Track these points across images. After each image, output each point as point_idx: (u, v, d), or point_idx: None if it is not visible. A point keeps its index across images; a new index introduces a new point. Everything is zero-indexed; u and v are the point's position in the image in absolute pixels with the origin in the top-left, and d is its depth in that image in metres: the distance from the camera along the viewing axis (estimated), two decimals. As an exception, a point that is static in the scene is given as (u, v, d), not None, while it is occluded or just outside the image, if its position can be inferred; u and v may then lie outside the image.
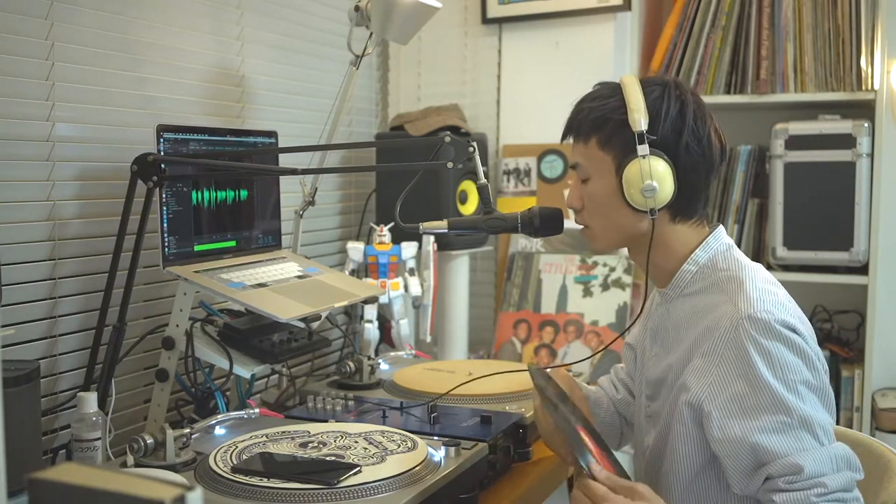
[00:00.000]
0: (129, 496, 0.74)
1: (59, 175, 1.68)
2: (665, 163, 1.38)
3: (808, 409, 1.27)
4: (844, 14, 2.45)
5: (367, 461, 1.36)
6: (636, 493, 1.26)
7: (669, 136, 1.38)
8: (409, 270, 2.28)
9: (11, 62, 1.59)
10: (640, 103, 1.38)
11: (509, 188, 2.71)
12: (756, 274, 1.39)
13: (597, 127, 1.43)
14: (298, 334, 1.85)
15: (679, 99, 1.40)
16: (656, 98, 1.39)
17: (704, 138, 1.40)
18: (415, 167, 1.63)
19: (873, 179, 2.39)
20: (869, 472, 1.50)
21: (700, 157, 1.40)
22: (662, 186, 1.38)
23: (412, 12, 1.97)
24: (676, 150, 1.39)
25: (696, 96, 1.43)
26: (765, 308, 1.31)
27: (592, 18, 2.60)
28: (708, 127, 1.41)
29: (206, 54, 2.04)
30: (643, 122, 1.37)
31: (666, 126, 1.38)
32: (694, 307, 1.41)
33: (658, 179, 1.37)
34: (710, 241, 1.44)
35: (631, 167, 1.38)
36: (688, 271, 1.44)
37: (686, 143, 1.38)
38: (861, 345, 2.48)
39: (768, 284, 1.38)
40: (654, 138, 1.38)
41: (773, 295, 1.35)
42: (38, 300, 1.64)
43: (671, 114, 1.38)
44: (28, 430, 1.45)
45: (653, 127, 1.38)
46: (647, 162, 1.37)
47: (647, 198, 1.38)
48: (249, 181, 1.91)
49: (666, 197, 1.39)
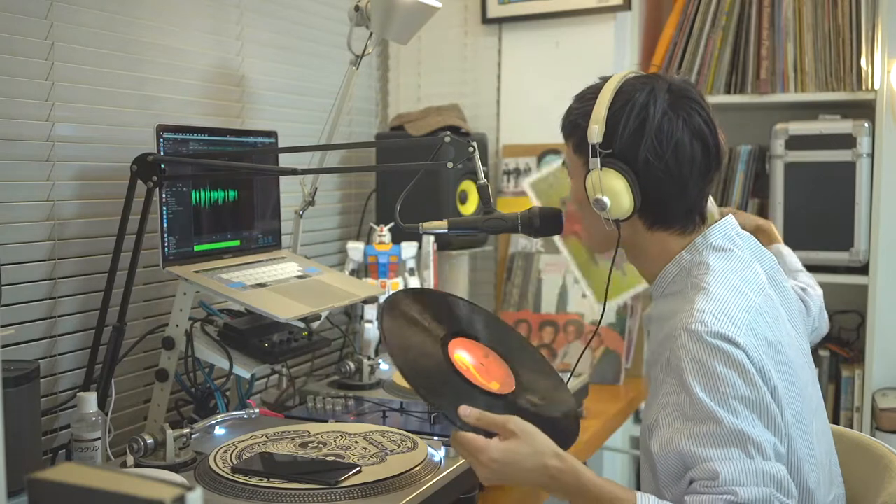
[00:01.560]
0: (129, 496, 0.74)
1: (59, 175, 1.68)
2: (620, 176, 1.34)
3: (740, 423, 1.21)
4: (844, 14, 2.45)
5: (367, 461, 1.36)
6: (507, 431, 1.24)
7: (627, 149, 1.34)
8: (409, 270, 2.28)
9: (11, 62, 1.59)
10: (601, 113, 1.35)
11: (509, 188, 2.71)
12: (723, 280, 1.33)
13: (572, 131, 1.42)
14: (298, 334, 1.85)
15: (645, 106, 1.34)
16: (616, 111, 1.35)
17: (668, 152, 1.33)
18: (415, 167, 1.63)
19: (873, 179, 2.39)
20: (869, 473, 1.51)
21: (663, 171, 1.34)
22: (618, 200, 1.34)
23: (412, 12, 1.97)
24: (635, 163, 1.34)
25: (680, 101, 1.36)
26: (702, 319, 1.26)
27: (592, 18, 2.60)
28: (677, 138, 1.34)
29: (206, 54, 2.04)
30: (597, 134, 1.34)
31: (623, 138, 1.34)
32: (669, 309, 1.37)
33: (611, 193, 1.34)
34: (699, 241, 1.39)
35: (589, 178, 1.36)
36: (670, 272, 1.40)
37: (645, 158, 1.33)
38: (861, 345, 2.48)
39: (730, 292, 1.31)
40: (608, 151, 1.34)
41: (725, 304, 1.29)
42: (38, 300, 1.64)
43: (629, 123, 1.34)
44: (28, 430, 1.45)
45: (608, 137, 1.34)
46: (597, 175, 1.34)
47: (600, 211, 1.36)
48: (249, 181, 1.91)
49: (625, 209, 1.35)
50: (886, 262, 2.41)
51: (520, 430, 1.25)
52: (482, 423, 1.25)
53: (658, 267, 1.42)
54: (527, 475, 1.24)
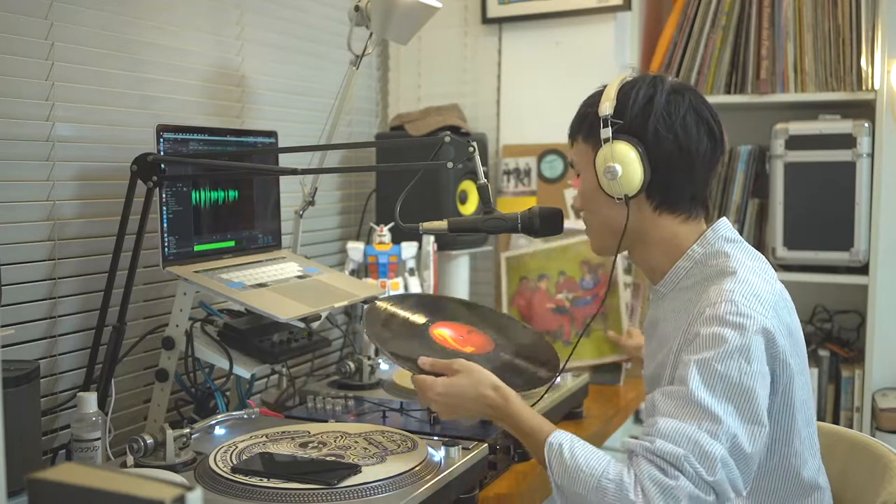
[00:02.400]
0: (129, 496, 0.74)
1: (59, 175, 1.68)
2: (631, 147, 1.38)
3: (714, 405, 1.23)
4: (844, 14, 2.45)
5: (367, 461, 1.36)
6: (452, 370, 1.44)
7: (637, 120, 1.39)
8: (409, 270, 2.28)
9: (11, 62, 1.59)
10: (611, 92, 1.41)
11: (509, 188, 2.71)
12: (746, 266, 1.37)
13: (580, 124, 1.49)
14: (298, 334, 1.85)
15: (652, 86, 1.41)
16: (627, 90, 1.42)
17: (676, 124, 1.39)
18: (415, 167, 1.63)
19: (873, 179, 2.39)
20: (869, 472, 1.51)
21: (673, 143, 1.39)
22: (629, 170, 1.38)
23: (412, 12, 1.97)
24: (644, 135, 1.39)
25: (682, 90, 1.42)
26: (732, 299, 1.29)
27: (592, 18, 2.60)
28: (683, 114, 1.39)
29: (206, 54, 2.04)
30: (609, 107, 1.39)
31: (633, 111, 1.39)
32: (686, 299, 1.41)
33: (623, 162, 1.38)
34: (709, 234, 1.44)
35: (600, 153, 1.41)
36: (682, 267, 1.44)
37: (655, 129, 1.38)
38: (861, 345, 2.49)
39: (755, 276, 1.35)
40: (619, 122, 1.39)
41: (752, 286, 1.32)
42: (38, 300, 1.64)
43: (639, 99, 1.40)
44: (28, 430, 1.45)
45: (619, 112, 1.40)
46: (610, 146, 1.38)
47: (610, 181, 1.39)
48: (249, 181, 1.91)
49: (635, 182, 1.39)
50: (886, 262, 2.41)
51: (462, 367, 1.44)
52: (436, 367, 1.47)
53: (666, 261, 1.46)
54: (470, 405, 1.42)
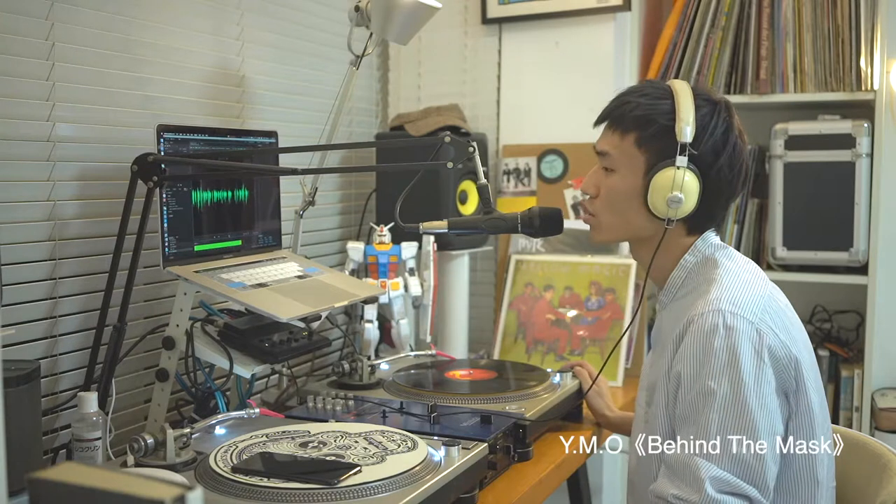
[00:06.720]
0: (129, 496, 0.74)
1: (59, 175, 1.68)
2: (696, 179, 1.40)
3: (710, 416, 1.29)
4: (844, 14, 2.45)
5: (367, 461, 1.36)
6: None
7: (709, 154, 1.40)
8: (409, 270, 2.28)
9: (11, 62, 1.59)
10: (691, 115, 1.39)
11: (509, 188, 2.71)
12: (734, 274, 1.40)
13: (640, 125, 1.43)
14: (298, 334, 1.85)
15: (726, 122, 1.42)
16: (706, 114, 1.41)
17: (737, 165, 1.42)
18: (415, 167, 1.63)
19: (873, 179, 2.39)
20: (868, 472, 1.51)
21: (728, 182, 1.42)
22: (687, 200, 1.40)
23: (412, 12, 1.97)
24: (710, 170, 1.41)
25: (742, 128, 1.46)
26: (719, 308, 1.32)
27: (592, 18, 2.60)
28: (744, 156, 1.43)
29: (206, 54, 2.04)
30: (689, 133, 1.38)
31: (708, 144, 1.40)
32: (681, 306, 1.43)
33: (686, 193, 1.39)
34: (699, 244, 1.46)
35: (663, 174, 1.40)
36: (677, 277, 1.46)
37: (720, 166, 1.41)
38: (861, 345, 2.48)
39: (742, 284, 1.38)
40: (694, 153, 1.39)
41: (738, 293, 1.35)
42: (38, 300, 1.64)
43: (716, 134, 1.40)
44: (28, 430, 1.45)
45: (696, 142, 1.40)
46: (682, 173, 1.38)
47: (669, 208, 1.40)
48: (249, 181, 1.91)
49: (687, 210, 1.41)
50: (886, 262, 2.41)
51: None
52: None
53: (669, 268, 1.48)
54: None
